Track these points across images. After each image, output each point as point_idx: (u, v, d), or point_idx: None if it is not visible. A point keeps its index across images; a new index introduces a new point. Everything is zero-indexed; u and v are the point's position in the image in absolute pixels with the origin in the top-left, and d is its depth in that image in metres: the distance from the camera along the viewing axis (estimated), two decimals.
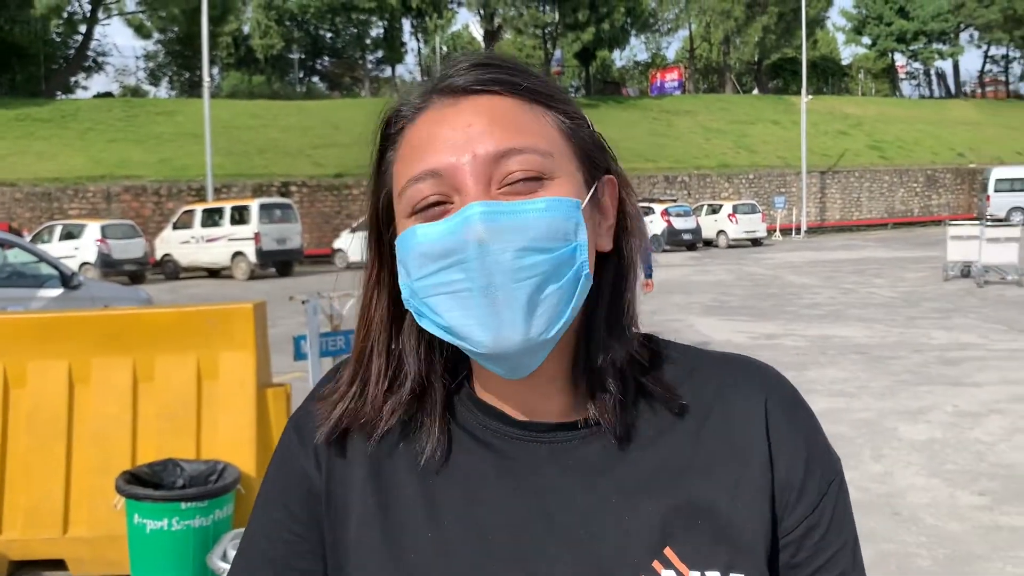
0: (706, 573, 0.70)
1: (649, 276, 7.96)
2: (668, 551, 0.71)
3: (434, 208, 0.69)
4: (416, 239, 0.68)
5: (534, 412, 0.76)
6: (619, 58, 67.16)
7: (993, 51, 62.22)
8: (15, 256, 9.25)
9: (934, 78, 65.91)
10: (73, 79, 49.96)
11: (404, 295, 0.72)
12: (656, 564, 0.70)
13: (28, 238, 18.79)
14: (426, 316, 0.71)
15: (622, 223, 0.78)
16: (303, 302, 4.80)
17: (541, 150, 0.69)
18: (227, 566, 2.81)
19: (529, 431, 0.76)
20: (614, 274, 0.76)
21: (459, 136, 0.68)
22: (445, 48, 60.40)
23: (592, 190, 0.74)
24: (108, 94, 49.04)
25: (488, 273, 0.66)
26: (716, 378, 0.80)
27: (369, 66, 58.80)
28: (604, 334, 0.74)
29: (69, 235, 21.81)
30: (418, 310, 0.71)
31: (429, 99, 0.73)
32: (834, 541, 0.76)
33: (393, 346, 0.77)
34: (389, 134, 0.75)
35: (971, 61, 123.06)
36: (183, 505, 3.43)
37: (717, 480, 0.74)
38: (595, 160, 0.75)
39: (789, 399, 0.79)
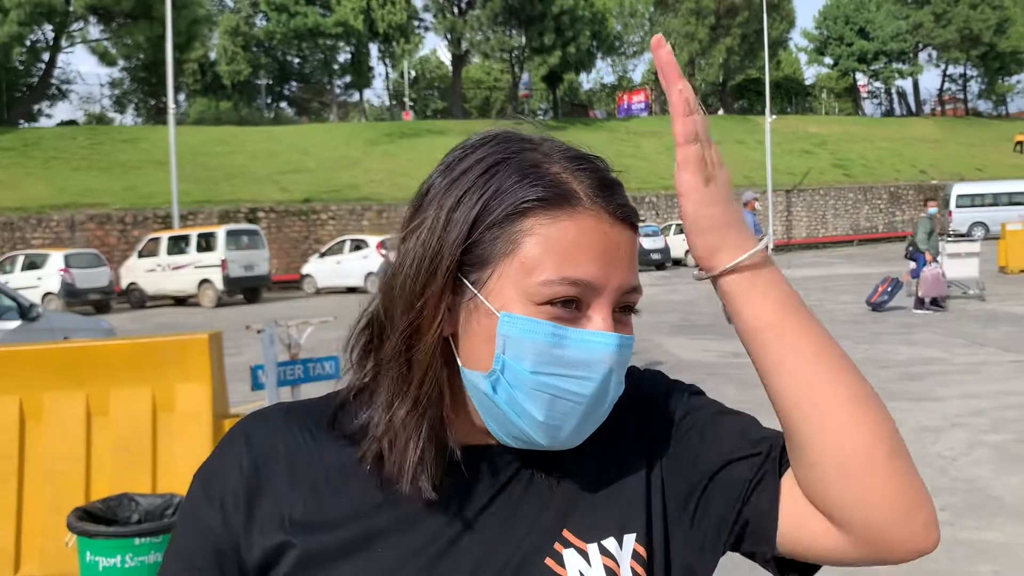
0: (602, 542, 0.79)
1: None
2: (566, 532, 0.79)
3: (563, 309, 0.74)
4: (551, 337, 0.73)
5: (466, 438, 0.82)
6: (586, 81, 67.92)
7: (951, 70, 63.64)
8: None
9: (895, 97, 67.26)
10: (36, 107, 49.53)
11: (495, 365, 0.74)
12: (557, 546, 0.79)
13: None
14: (513, 399, 0.74)
15: None
16: (258, 331, 4.75)
17: (640, 288, 0.80)
18: None
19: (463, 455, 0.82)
20: None
21: (613, 261, 0.75)
22: (414, 73, 60.66)
23: None
24: (72, 122, 48.66)
25: (603, 395, 0.75)
26: None
27: (337, 91, 58.89)
28: None
29: (32, 265, 21.51)
30: (501, 386, 0.74)
31: (577, 197, 0.75)
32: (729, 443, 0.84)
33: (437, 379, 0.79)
34: (526, 199, 0.75)
35: (930, 80, 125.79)
36: (136, 541, 3.37)
37: (606, 458, 0.84)
38: None
39: (650, 380, 0.91)
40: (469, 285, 0.75)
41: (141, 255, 23.52)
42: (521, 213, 0.74)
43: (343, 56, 55.50)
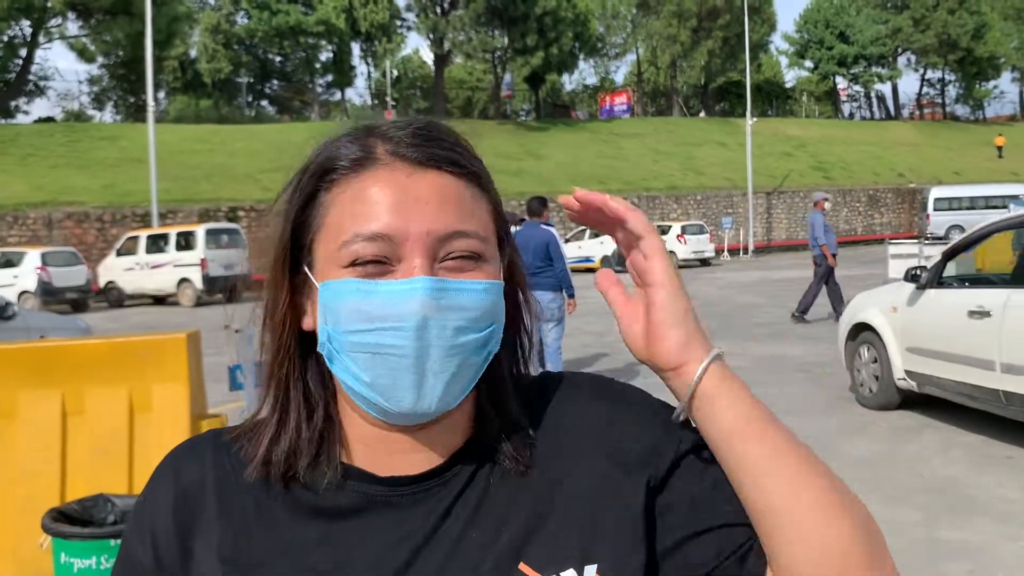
0: (560, 574, 0.74)
1: (571, 296, 7.99)
2: (522, 566, 0.74)
3: (371, 266, 0.71)
4: (356, 294, 0.71)
5: (391, 468, 0.78)
6: (568, 82, 67.97)
7: (930, 74, 64.25)
8: None
9: (874, 100, 67.85)
10: (13, 104, 48.95)
11: (321, 338, 0.74)
12: None
13: None
14: (343, 366, 0.73)
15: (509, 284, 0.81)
16: (236, 331, 4.72)
17: (481, 235, 0.74)
18: None
19: (385, 486, 0.78)
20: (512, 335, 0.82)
21: (412, 209, 0.72)
22: (396, 72, 60.54)
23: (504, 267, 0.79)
24: (50, 119, 48.20)
25: (426, 345, 0.70)
26: (554, 399, 0.84)
27: (319, 90, 58.62)
28: (493, 405, 0.80)
29: (8, 263, 21.28)
30: (333, 357, 0.74)
31: (374, 157, 0.75)
32: (707, 490, 0.78)
33: (305, 375, 0.79)
34: (324, 175, 0.76)
35: (909, 84, 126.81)
36: (112, 542, 3.34)
37: (560, 486, 0.78)
38: (505, 235, 0.80)
39: (603, 388, 0.85)
40: (305, 268, 0.77)
41: (119, 254, 23.32)
42: (326, 187, 0.76)
43: (325, 55, 55.30)
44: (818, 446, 5.01)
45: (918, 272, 7.08)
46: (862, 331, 7.68)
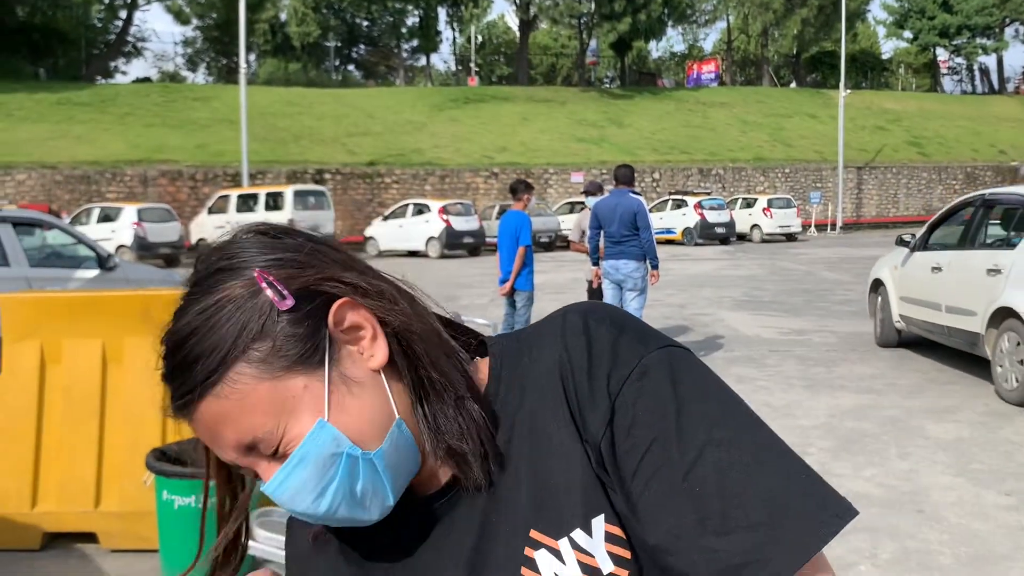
0: (571, 535, 0.73)
1: (655, 267, 7.94)
2: (533, 533, 0.75)
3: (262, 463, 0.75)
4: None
5: (424, 488, 0.82)
6: (655, 49, 66.86)
7: None
8: (54, 238, 9.44)
9: (977, 73, 64.75)
10: (113, 64, 50.65)
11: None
12: (528, 551, 0.75)
13: (67, 220, 19.11)
14: None
15: (383, 321, 0.76)
16: None
17: (260, 425, 0.71)
18: (252, 543, 2.87)
19: (417, 503, 0.82)
20: (404, 367, 0.77)
21: (213, 443, 0.74)
22: (480, 38, 60.41)
23: (326, 366, 0.73)
24: (146, 79, 49.67)
25: (298, 508, 0.74)
26: (529, 354, 0.80)
27: (404, 55, 58.99)
28: (433, 425, 0.77)
29: (106, 218, 22.16)
30: None
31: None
32: (641, 437, 0.71)
33: None
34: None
35: (1016, 56, 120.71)
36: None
37: (547, 448, 0.76)
38: (305, 331, 0.72)
39: (577, 329, 0.77)
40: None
41: (211, 212, 24.04)
42: None
43: (411, 19, 55.54)
44: (904, 427, 4.91)
45: (907, 239, 8.94)
46: (879, 286, 9.50)
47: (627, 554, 0.72)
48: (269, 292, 0.71)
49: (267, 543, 2.87)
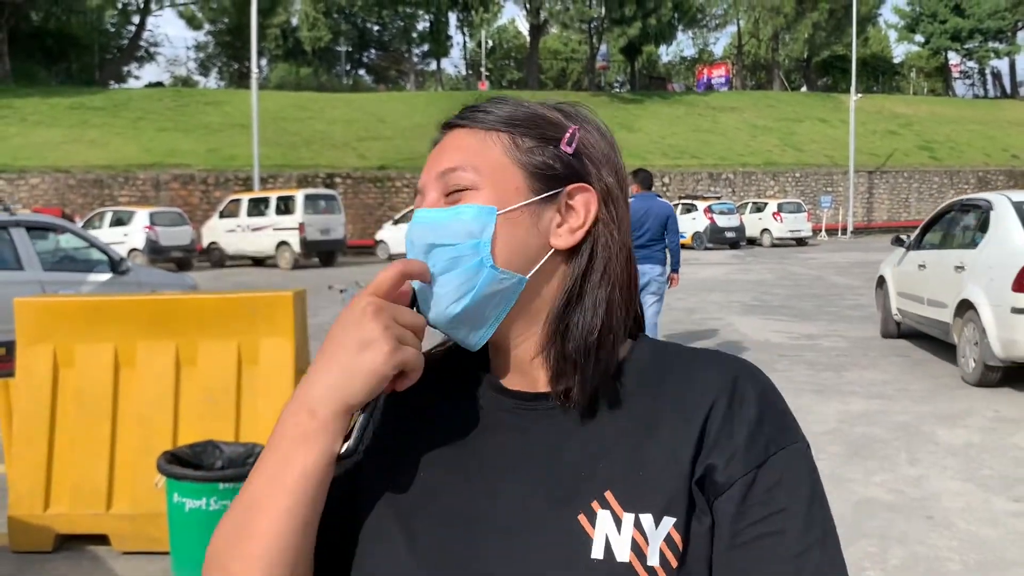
0: (640, 515, 0.77)
1: (676, 270, 7.92)
2: (608, 494, 0.79)
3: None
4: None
5: (519, 384, 0.88)
6: (665, 53, 66.87)
7: None
8: (67, 241, 9.50)
9: (989, 78, 64.50)
10: (126, 69, 51.01)
11: None
12: (595, 504, 0.79)
13: (80, 224, 19.24)
14: None
15: (594, 227, 0.86)
16: (341, 291, 4.88)
17: (469, 168, 0.84)
18: None
19: (513, 398, 0.87)
20: (576, 269, 0.86)
21: (431, 159, 0.89)
22: (491, 43, 60.52)
23: (538, 198, 0.84)
24: (159, 84, 49.99)
25: (413, 257, 0.85)
26: (683, 365, 0.86)
27: (415, 59, 59.14)
28: (561, 323, 0.84)
29: (119, 221, 22.28)
30: None
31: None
32: (778, 499, 0.78)
33: None
34: None
35: None
36: (221, 486, 3.53)
37: (659, 438, 0.81)
38: (556, 175, 0.85)
39: (746, 381, 0.83)
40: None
41: (222, 215, 24.15)
42: None
43: (422, 24, 55.70)
44: (914, 432, 4.90)
45: (903, 239, 9.99)
46: (883, 282, 10.44)
47: (674, 563, 0.77)
48: (568, 136, 0.86)
49: None
